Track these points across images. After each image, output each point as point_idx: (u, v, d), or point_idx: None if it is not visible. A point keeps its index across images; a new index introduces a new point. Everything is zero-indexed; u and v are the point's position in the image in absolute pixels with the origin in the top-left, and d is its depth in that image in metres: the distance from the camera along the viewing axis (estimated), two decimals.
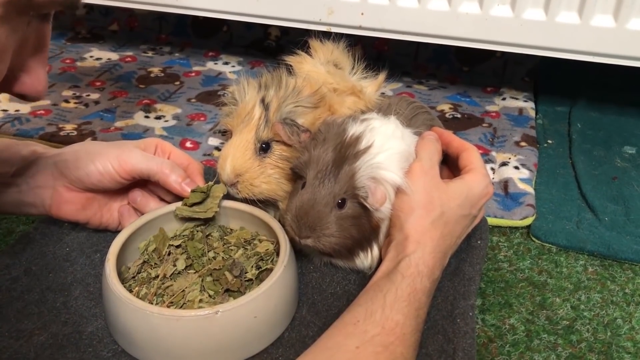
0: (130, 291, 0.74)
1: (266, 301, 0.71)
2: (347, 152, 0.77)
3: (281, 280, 0.73)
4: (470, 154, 0.82)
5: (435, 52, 1.56)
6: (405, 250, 0.73)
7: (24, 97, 0.63)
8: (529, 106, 1.36)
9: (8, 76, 0.58)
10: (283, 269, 0.73)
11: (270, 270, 0.76)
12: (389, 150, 0.78)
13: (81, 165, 0.81)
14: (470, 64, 1.55)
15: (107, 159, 0.80)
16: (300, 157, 0.80)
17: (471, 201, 0.79)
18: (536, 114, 1.34)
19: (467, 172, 0.81)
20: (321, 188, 0.76)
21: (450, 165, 0.89)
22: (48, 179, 0.83)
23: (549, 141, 1.23)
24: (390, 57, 1.57)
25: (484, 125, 1.28)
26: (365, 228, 0.79)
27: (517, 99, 1.40)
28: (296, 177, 0.83)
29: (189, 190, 0.82)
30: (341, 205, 0.76)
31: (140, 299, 0.72)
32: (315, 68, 0.97)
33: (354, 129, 0.79)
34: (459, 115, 1.32)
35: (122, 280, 0.76)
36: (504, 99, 1.40)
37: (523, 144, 1.20)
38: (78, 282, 0.82)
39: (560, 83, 1.45)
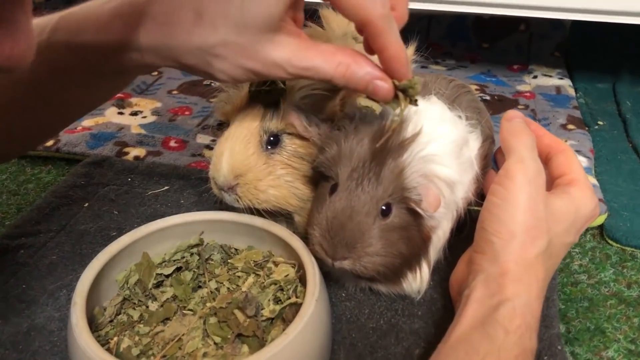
0: (107, 342, 0.56)
1: (296, 351, 0.51)
2: (388, 142, 0.58)
3: (314, 320, 0.53)
4: (568, 159, 0.62)
5: (449, 27, 1.38)
6: (504, 291, 0.52)
7: None
8: (566, 84, 1.19)
9: None
10: (315, 304, 0.54)
11: (295, 304, 0.57)
12: (442, 137, 0.61)
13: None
14: (491, 40, 1.37)
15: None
16: (325, 152, 0.61)
17: (577, 226, 0.59)
18: (576, 92, 1.16)
19: (572, 185, 0.60)
20: (359, 192, 0.57)
21: None
22: None
23: (600, 122, 1.06)
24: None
25: (520, 107, 1.11)
26: (415, 241, 0.61)
27: (550, 76, 1.23)
28: (320, 178, 0.64)
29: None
30: (386, 212, 0.58)
31: (121, 354, 0.53)
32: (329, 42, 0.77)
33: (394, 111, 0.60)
34: (488, 97, 1.14)
35: (96, 326, 0.57)
36: (535, 77, 1.23)
37: (571, 126, 1.01)
38: (37, 330, 0.62)
39: (596, 56, 1.29)
